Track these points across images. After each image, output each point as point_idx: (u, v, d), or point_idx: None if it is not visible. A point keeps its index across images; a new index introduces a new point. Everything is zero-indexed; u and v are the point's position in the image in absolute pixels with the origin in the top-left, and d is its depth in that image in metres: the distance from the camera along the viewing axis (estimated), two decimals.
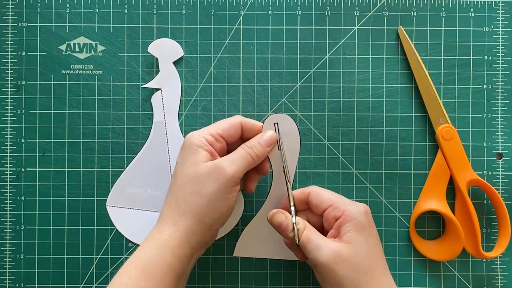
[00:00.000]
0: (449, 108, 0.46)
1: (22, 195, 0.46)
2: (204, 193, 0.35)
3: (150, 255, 0.34)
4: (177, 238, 0.34)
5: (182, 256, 0.34)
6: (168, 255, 0.34)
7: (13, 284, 0.45)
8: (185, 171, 0.36)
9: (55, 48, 0.46)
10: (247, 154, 0.37)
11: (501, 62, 0.46)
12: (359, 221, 0.36)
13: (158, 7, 0.46)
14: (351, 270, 0.34)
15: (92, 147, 0.46)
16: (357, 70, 0.46)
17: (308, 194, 0.39)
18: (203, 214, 0.35)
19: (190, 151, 0.36)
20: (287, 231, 0.37)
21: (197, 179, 0.35)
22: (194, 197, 0.35)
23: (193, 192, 0.35)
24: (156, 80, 0.46)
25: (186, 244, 0.35)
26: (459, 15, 0.46)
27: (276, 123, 0.40)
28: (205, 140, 0.37)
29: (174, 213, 0.35)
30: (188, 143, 0.37)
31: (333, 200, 0.37)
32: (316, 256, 0.35)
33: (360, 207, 0.37)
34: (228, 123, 0.38)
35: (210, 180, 0.35)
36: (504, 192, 0.45)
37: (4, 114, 0.46)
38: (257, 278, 0.45)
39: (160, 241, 0.34)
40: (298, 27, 0.46)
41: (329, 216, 0.37)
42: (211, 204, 0.35)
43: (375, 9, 0.46)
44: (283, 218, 0.37)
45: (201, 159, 0.36)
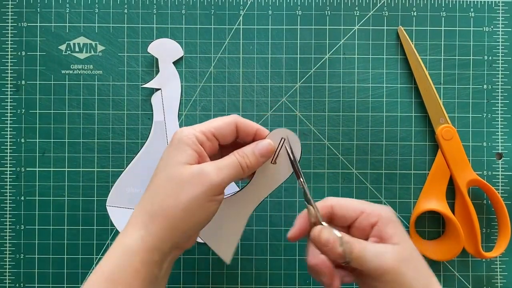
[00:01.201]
0: (449, 108, 0.46)
1: (22, 195, 0.46)
2: (183, 198, 0.32)
3: (116, 261, 0.31)
4: (146, 242, 0.32)
5: (151, 262, 0.32)
6: (136, 261, 0.31)
7: (13, 284, 0.45)
8: (167, 170, 0.33)
9: (55, 48, 0.46)
10: (238, 163, 0.34)
11: (501, 62, 0.46)
12: (396, 221, 0.34)
13: (158, 7, 0.46)
14: (417, 271, 0.32)
15: (92, 147, 0.46)
16: (357, 70, 0.46)
17: (330, 207, 0.35)
18: (178, 220, 0.32)
19: (177, 148, 0.34)
20: (335, 247, 0.33)
21: (178, 181, 0.32)
22: (171, 201, 0.32)
23: (171, 195, 0.32)
24: (156, 80, 0.46)
25: (155, 250, 0.32)
26: (459, 15, 0.46)
27: (284, 138, 0.37)
28: (195, 139, 0.34)
29: (146, 215, 0.32)
30: (177, 140, 0.34)
31: (362, 208, 0.34)
32: (380, 263, 0.32)
33: (388, 208, 0.35)
34: (222, 122, 0.35)
35: (192, 185, 0.32)
36: (504, 192, 0.46)
37: (4, 114, 0.46)
38: (257, 278, 0.45)
39: (127, 246, 0.32)
40: (298, 27, 0.46)
41: (363, 224, 0.34)
42: (188, 210, 0.32)
43: (375, 9, 0.46)
44: (331, 233, 0.33)
45: (187, 160, 0.33)
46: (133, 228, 0.32)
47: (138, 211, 0.33)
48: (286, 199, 0.46)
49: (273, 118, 0.46)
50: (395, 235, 0.33)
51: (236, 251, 0.45)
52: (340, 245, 0.33)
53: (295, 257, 0.45)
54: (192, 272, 0.45)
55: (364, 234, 0.34)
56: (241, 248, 0.46)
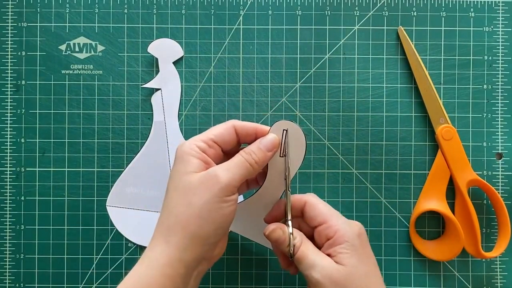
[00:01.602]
0: (449, 108, 0.46)
1: (22, 195, 0.46)
2: (196, 203, 0.32)
3: (139, 275, 0.31)
4: (167, 255, 0.32)
5: (174, 275, 0.31)
6: (158, 275, 0.31)
7: (13, 284, 0.45)
8: (176, 182, 0.33)
9: (55, 48, 0.46)
10: (244, 160, 0.34)
11: (501, 62, 0.46)
12: (352, 244, 0.34)
13: (158, 7, 0.46)
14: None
15: (92, 147, 0.46)
16: (357, 70, 0.46)
17: (304, 204, 0.37)
18: (195, 227, 0.32)
19: (181, 161, 0.34)
20: (283, 245, 0.35)
21: (187, 189, 0.33)
22: (185, 209, 0.32)
23: (183, 204, 0.32)
24: (156, 80, 0.46)
25: (177, 262, 0.32)
26: (459, 15, 0.46)
27: (285, 130, 0.37)
28: (196, 148, 0.34)
29: (165, 228, 0.33)
30: (179, 153, 0.34)
31: (327, 218, 0.36)
32: (310, 274, 0.34)
33: (355, 228, 0.35)
34: (220, 128, 0.36)
35: (202, 190, 0.32)
36: (504, 192, 0.46)
37: (4, 114, 0.46)
38: (257, 278, 0.45)
39: (149, 260, 0.32)
40: (298, 27, 0.46)
41: (321, 233, 0.35)
42: (204, 215, 0.32)
43: (375, 9, 0.46)
44: (280, 233, 0.35)
45: (193, 169, 0.33)
46: (155, 242, 0.33)
47: (157, 227, 0.34)
48: None
49: (273, 118, 0.46)
50: (341, 254, 0.34)
51: (236, 251, 0.45)
52: (287, 245, 0.35)
53: None
54: None
55: (321, 241, 0.36)
56: (241, 248, 0.46)
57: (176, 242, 0.32)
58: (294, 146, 0.37)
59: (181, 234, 0.32)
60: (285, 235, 0.35)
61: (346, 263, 0.34)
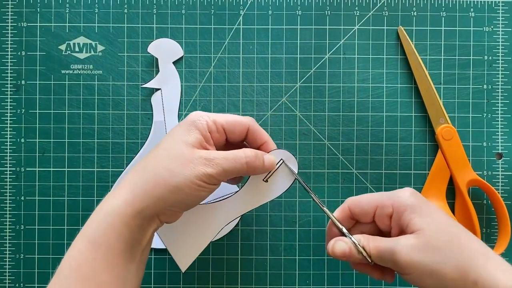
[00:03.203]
0: (449, 108, 0.46)
1: (22, 195, 0.45)
2: (180, 174, 0.32)
3: (98, 223, 0.31)
4: (130, 206, 0.31)
5: (133, 226, 0.32)
6: (119, 223, 0.31)
7: (13, 284, 0.45)
8: (172, 145, 0.33)
9: (54, 48, 0.46)
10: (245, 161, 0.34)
11: (501, 62, 0.46)
12: (412, 206, 0.33)
13: (158, 7, 0.46)
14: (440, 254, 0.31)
15: (92, 147, 0.46)
16: (357, 70, 0.46)
17: (347, 209, 0.36)
18: (167, 192, 0.32)
19: (187, 129, 0.34)
20: (354, 255, 0.33)
21: (177, 158, 0.32)
22: (167, 173, 0.32)
23: (168, 168, 0.32)
24: (156, 80, 0.46)
25: (138, 215, 0.32)
26: (459, 15, 0.46)
27: (282, 160, 0.37)
28: (206, 125, 0.34)
29: (137, 180, 0.32)
30: (190, 121, 0.34)
31: (376, 200, 0.34)
32: (395, 260, 0.31)
33: (405, 191, 0.34)
34: (236, 120, 0.35)
35: (191, 167, 0.32)
36: (504, 192, 0.45)
37: (4, 114, 0.46)
38: (257, 278, 0.45)
39: (111, 208, 0.32)
40: (298, 27, 0.46)
41: (382, 217, 0.34)
42: (180, 188, 0.32)
43: (375, 9, 0.46)
44: (344, 245, 0.34)
45: (192, 142, 0.33)
46: (119, 190, 0.33)
47: (129, 176, 0.33)
48: (286, 199, 0.46)
49: (273, 118, 0.46)
50: (410, 222, 0.32)
51: (236, 251, 0.45)
52: (358, 253, 0.33)
53: (295, 257, 0.46)
54: (192, 272, 0.45)
55: (387, 225, 0.34)
56: (241, 248, 0.46)
57: (142, 196, 0.32)
58: (282, 176, 0.37)
59: (151, 192, 0.32)
60: (349, 244, 0.34)
61: (419, 227, 0.32)
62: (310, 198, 0.46)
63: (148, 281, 0.45)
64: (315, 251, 0.45)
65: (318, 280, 0.45)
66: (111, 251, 0.31)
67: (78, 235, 0.32)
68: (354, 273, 0.45)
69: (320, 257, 0.45)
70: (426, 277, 0.31)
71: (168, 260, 0.45)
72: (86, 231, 0.32)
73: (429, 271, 0.31)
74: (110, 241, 0.31)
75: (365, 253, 0.33)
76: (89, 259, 0.31)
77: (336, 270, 0.45)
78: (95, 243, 0.31)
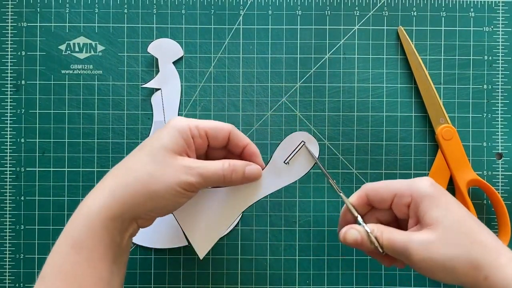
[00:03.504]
0: (449, 108, 0.46)
1: (22, 195, 0.45)
2: (160, 181, 0.32)
3: (79, 226, 0.32)
4: (110, 209, 0.32)
5: (113, 229, 0.32)
6: (99, 227, 0.31)
7: (13, 284, 0.45)
8: (154, 151, 0.33)
9: (54, 48, 0.46)
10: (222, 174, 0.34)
11: (501, 62, 0.46)
12: (430, 196, 0.32)
13: (158, 7, 0.46)
14: (453, 250, 0.31)
15: (92, 147, 0.46)
16: (357, 70, 0.46)
17: (365, 196, 0.36)
18: (146, 198, 0.32)
19: (169, 134, 0.34)
20: (366, 244, 0.34)
21: (160, 164, 0.33)
22: (147, 178, 0.32)
23: (150, 174, 0.32)
24: (156, 80, 0.46)
25: (118, 218, 0.32)
26: (459, 15, 0.46)
27: (303, 142, 0.37)
28: (189, 131, 0.34)
29: (116, 182, 0.33)
30: (171, 126, 0.34)
31: (394, 188, 0.34)
32: (408, 255, 0.32)
33: (424, 181, 0.34)
34: (217, 126, 0.36)
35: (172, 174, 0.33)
36: (504, 192, 0.46)
37: (4, 114, 0.46)
38: (257, 278, 0.45)
39: (91, 210, 0.32)
40: (298, 27, 0.46)
41: (399, 205, 0.34)
42: (160, 194, 0.32)
43: (375, 9, 0.46)
44: (356, 233, 0.34)
45: (174, 148, 0.33)
46: (99, 192, 0.33)
47: (109, 178, 0.34)
48: (286, 199, 0.46)
49: (273, 118, 0.46)
50: (426, 214, 0.32)
51: (236, 251, 0.45)
52: (370, 243, 0.33)
53: (295, 257, 0.46)
54: (192, 272, 0.45)
55: (404, 213, 0.34)
56: (241, 248, 0.46)
57: (122, 200, 0.32)
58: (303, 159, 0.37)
59: (131, 197, 0.32)
60: (362, 233, 0.34)
61: (435, 220, 0.32)
62: (310, 198, 0.46)
63: (148, 281, 0.45)
64: (315, 251, 0.45)
65: (318, 280, 0.45)
66: (92, 254, 0.31)
67: (59, 238, 0.32)
68: (354, 273, 0.45)
69: (320, 257, 0.45)
70: (438, 271, 0.31)
71: (168, 260, 0.45)
72: (66, 234, 0.32)
73: (442, 266, 0.31)
74: (91, 244, 0.31)
75: (377, 243, 0.33)
76: (71, 262, 0.31)
77: (336, 270, 0.45)
78: (77, 246, 0.31)
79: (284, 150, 0.38)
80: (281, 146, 0.38)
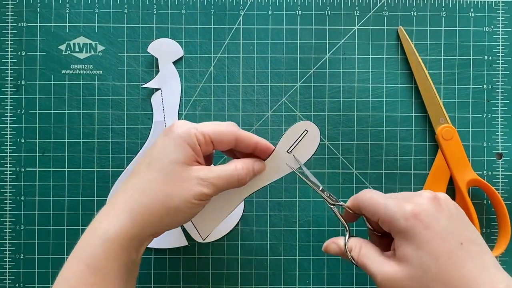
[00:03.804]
0: (449, 108, 0.46)
1: (22, 195, 0.45)
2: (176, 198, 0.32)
3: (96, 249, 0.31)
4: (129, 231, 0.32)
5: (130, 248, 0.32)
6: (117, 249, 0.31)
7: (13, 284, 0.45)
8: (166, 165, 0.33)
9: (54, 48, 0.46)
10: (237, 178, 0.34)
11: (501, 62, 0.46)
12: (403, 230, 0.30)
13: (158, 7, 0.46)
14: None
15: (92, 147, 0.46)
16: (357, 70, 0.46)
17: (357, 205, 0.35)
18: (165, 216, 0.32)
19: (177, 145, 0.33)
20: (344, 257, 0.35)
21: (176, 181, 0.32)
22: (165, 198, 0.32)
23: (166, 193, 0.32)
24: (156, 80, 0.46)
25: (136, 237, 0.32)
26: (459, 15, 0.46)
27: (306, 130, 0.38)
28: (195, 140, 0.33)
29: (133, 203, 0.32)
30: (177, 135, 0.33)
31: (381, 213, 0.32)
32: (375, 281, 0.32)
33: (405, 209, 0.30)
34: (222, 132, 0.35)
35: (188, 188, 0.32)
36: (504, 192, 0.45)
37: (4, 114, 0.46)
38: (257, 278, 0.45)
39: (108, 234, 0.31)
40: (298, 27, 0.46)
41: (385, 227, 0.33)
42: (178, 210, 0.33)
43: (375, 9, 0.46)
44: (335, 247, 0.35)
45: (185, 160, 0.33)
46: (115, 214, 0.32)
47: (123, 198, 0.33)
48: (286, 199, 0.46)
49: (273, 118, 0.46)
50: (399, 248, 0.31)
51: (236, 251, 0.45)
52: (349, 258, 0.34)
53: (295, 257, 0.46)
54: (192, 272, 0.45)
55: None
56: (241, 248, 0.46)
57: (142, 222, 0.32)
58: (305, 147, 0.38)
59: (150, 216, 0.32)
60: (340, 249, 0.35)
61: (405, 257, 0.30)
62: (310, 198, 0.46)
63: (148, 281, 0.45)
64: (315, 251, 0.45)
65: (318, 280, 0.45)
66: (109, 275, 0.31)
67: (71, 257, 0.32)
68: (354, 273, 0.45)
69: (320, 257, 0.45)
70: None
71: (168, 260, 0.45)
72: (80, 254, 0.32)
73: None
74: (109, 266, 0.31)
75: (354, 261, 0.34)
76: (86, 283, 0.31)
77: (336, 270, 0.45)
78: (93, 267, 0.31)
79: (288, 139, 0.38)
80: (285, 136, 0.38)
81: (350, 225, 0.37)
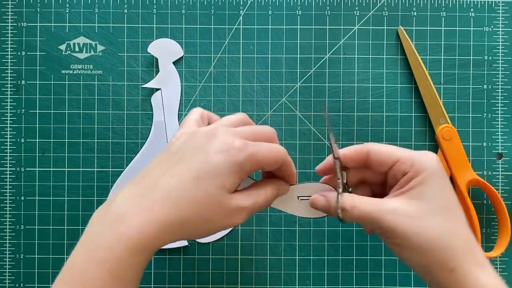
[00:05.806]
0: (449, 108, 0.46)
1: (21, 195, 0.45)
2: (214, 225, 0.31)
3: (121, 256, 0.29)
4: (156, 244, 0.30)
5: (151, 255, 0.31)
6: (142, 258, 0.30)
7: (13, 284, 0.45)
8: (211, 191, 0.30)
9: (54, 48, 0.46)
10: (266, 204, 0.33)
11: (501, 62, 0.46)
12: (432, 172, 0.30)
13: (158, 7, 0.46)
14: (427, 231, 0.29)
15: (92, 147, 0.46)
16: (357, 70, 0.46)
17: (366, 154, 0.33)
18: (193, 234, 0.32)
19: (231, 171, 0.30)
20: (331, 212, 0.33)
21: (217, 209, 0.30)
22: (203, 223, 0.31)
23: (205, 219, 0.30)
24: (156, 80, 0.46)
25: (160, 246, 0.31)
26: (459, 15, 0.46)
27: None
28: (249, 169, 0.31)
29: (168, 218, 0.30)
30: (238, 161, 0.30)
31: (398, 155, 0.32)
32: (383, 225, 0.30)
33: (430, 154, 0.31)
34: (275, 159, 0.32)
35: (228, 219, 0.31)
36: (504, 192, 0.45)
37: (4, 114, 0.46)
38: (257, 278, 0.45)
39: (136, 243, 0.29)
40: (298, 27, 0.46)
41: (396, 172, 0.32)
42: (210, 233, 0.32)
43: (375, 9, 0.46)
44: (323, 202, 0.33)
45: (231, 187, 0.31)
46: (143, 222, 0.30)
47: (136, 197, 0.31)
48: None
49: (273, 118, 0.46)
50: (416, 188, 0.30)
51: (236, 251, 0.45)
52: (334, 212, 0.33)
53: (295, 257, 0.46)
54: (192, 272, 0.45)
55: (395, 181, 0.32)
56: (241, 248, 0.46)
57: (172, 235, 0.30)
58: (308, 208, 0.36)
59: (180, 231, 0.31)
60: (329, 202, 0.33)
61: (423, 196, 0.30)
62: None
63: (148, 281, 0.45)
64: (315, 251, 0.45)
65: (318, 280, 0.45)
66: (131, 284, 0.30)
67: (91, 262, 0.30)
68: (354, 273, 0.45)
69: (320, 257, 0.45)
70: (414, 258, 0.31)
71: (168, 260, 0.45)
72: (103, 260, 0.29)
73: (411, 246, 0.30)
74: (132, 276, 0.30)
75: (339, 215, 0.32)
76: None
77: (336, 270, 0.45)
78: (116, 277, 0.29)
79: (305, 190, 0.36)
80: (306, 184, 0.36)
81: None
